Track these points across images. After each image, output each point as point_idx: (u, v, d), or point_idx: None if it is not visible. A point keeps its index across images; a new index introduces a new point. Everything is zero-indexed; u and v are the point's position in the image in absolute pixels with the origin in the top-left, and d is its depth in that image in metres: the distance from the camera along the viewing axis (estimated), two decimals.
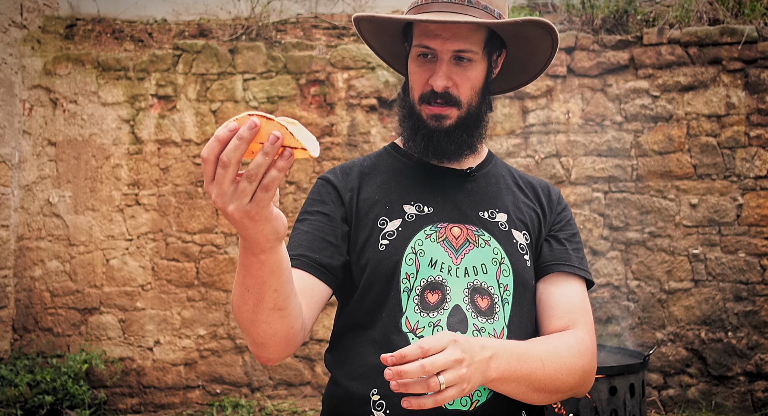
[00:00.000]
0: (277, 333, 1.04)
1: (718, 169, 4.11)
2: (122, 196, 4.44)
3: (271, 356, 1.10)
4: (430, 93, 1.21)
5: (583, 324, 1.21)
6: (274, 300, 0.98)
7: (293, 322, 1.05)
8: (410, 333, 1.15)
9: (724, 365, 4.06)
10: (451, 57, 1.19)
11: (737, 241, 4.07)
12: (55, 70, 4.49)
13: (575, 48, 4.26)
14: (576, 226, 1.34)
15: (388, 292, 1.18)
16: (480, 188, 1.28)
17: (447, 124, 1.22)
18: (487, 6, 1.20)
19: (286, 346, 1.08)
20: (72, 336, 4.41)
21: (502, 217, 1.26)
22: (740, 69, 4.10)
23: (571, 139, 4.25)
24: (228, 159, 0.77)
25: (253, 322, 1.02)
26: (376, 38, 1.34)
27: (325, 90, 4.42)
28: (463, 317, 1.16)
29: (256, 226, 0.84)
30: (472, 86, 1.22)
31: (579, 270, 1.26)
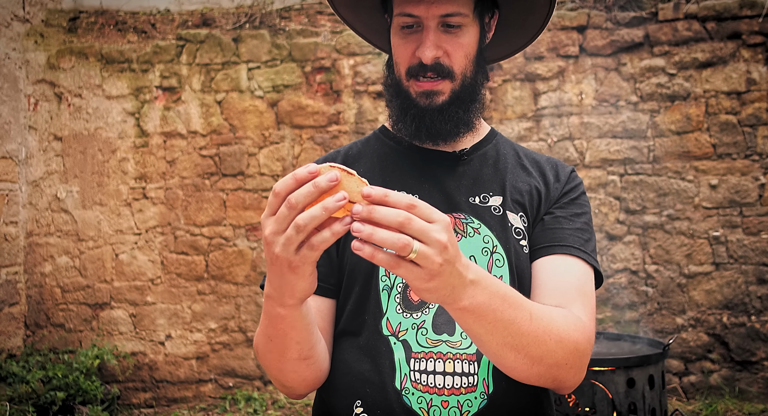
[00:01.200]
0: (306, 379, 1.02)
1: (738, 147, 3.96)
2: (129, 189, 4.40)
3: (301, 394, 1.07)
4: (418, 66, 1.06)
5: (581, 306, 1.03)
6: (298, 351, 0.96)
7: (321, 365, 1.03)
8: (392, 337, 1.05)
9: (747, 350, 3.94)
10: (438, 23, 1.05)
11: (760, 222, 3.93)
12: (59, 64, 4.45)
13: (587, 26, 4.12)
14: (586, 206, 1.16)
15: (368, 292, 1.08)
16: (473, 171, 1.15)
17: (440, 100, 1.08)
18: None
19: (315, 385, 1.06)
20: (83, 331, 4.40)
21: (496, 201, 1.13)
22: (761, 43, 3.94)
23: (584, 121, 4.12)
24: (296, 201, 0.75)
25: (280, 371, 1.00)
26: (352, 12, 1.20)
27: (331, 77, 4.33)
28: (449, 317, 1.04)
29: (291, 278, 0.82)
30: (466, 54, 1.07)
31: (576, 250, 1.08)
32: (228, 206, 4.36)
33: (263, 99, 4.36)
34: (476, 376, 1.02)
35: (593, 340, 1.02)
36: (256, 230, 4.34)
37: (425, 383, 1.02)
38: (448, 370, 1.02)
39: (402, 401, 1.01)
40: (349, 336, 1.10)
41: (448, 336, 1.03)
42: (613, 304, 4.01)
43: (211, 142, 4.37)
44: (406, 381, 1.02)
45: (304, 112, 4.33)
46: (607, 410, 2.26)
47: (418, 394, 1.01)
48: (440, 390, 1.01)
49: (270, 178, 4.34)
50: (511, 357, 0.91)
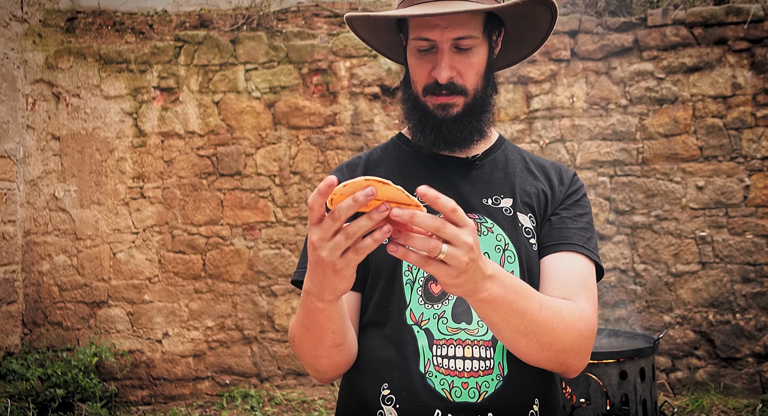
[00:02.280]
0: (339, 364, 1.15)
1: (724, 150, 4.08)
2: (127, 189, 4.44)
3: (332, 378, 1.19)
4: (434, 85, 1.18)
5: (585, 298, 1.14)
6: (332, 339, 1.08)
7: (351, 351, 1.15)
8: (415, 326, 1.15)
9: (732, 347, 4.05)
10: (451, 45, 1.16)
11: (744, 223, 4.05)
12: (57, 64, 4.48)
13: (579, 31, 4.23)
14: (587, 207, 1.28)
15: (392, 286, 1.18)
16: (485, 175, 1.26)
17: (455, 112, 1.19)
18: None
19: (345, 369, 1.18)
20: (81, 329, 4.43)
21: (507, 202, 1.24)
22: (746, 49, 4.06)
23: (575, 124, 4.22)
24: (339, 214, 0.84)
25: (315, 357, 1.12)
26: (370, 32, 1.31)
27: (328, 79, 4.40)
28: (467, 307, 1.15)
29: (334, 279, 0.91)
30: (477, 72, 1.19)
31: (580, 247, 1.20)
32: (225, 206, 4.41)
33: (260, 100, 4.42)
34: (492, 360, 1.13)
35: (596, 328, 1.14)
36: (253, 229, 4.40)
37: (447, 367, 1.12)
38: (467, 355, 1.12)
39: (426, 383, 1.11)
40: (374, 326, 1.20)
41: (466, 325, 1.14)
42: (603, 302, 4.11)
43: (208, 143, 4.43)
44: (430, 366, 1.13)
45: (301, 113, 4.40)
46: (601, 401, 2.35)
47: (440, 377, 1.11)
48: (460, 373, 1.12)
49: (267, 178, 4.40)
50: (524, 342, 1.03)
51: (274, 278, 4.37)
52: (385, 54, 1.37)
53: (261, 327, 4.38)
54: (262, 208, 4.39)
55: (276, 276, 4.37)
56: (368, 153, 1.34)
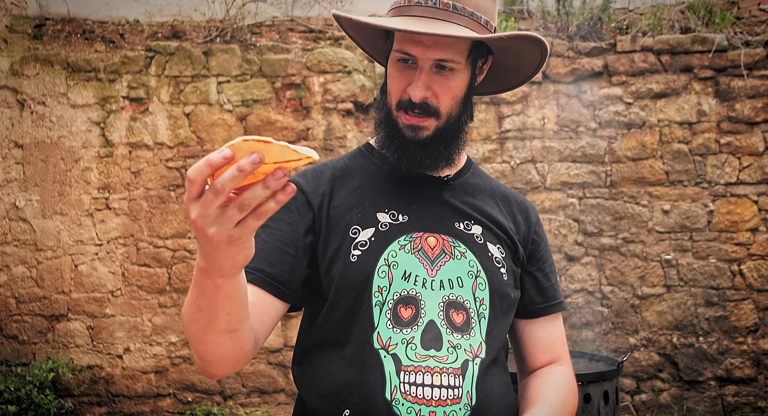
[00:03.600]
0: (226, 354, 1.00)
1: (689, 175, 4.16)
2: (92, 199, 4.34)
3: (217, 372, 1.06)
4: (407, 102, 1.15)
5: (565, 356, 1.28)
6: (227, 322, 0.94)
7: (244, 343, 1.01)
8: (382, 350, 1.11)
9: (695, 370, 4.10)
10: (432, 65, 1.13)
11: (708, 247, 4.13)
12: (23, 71, 4.38)
13: (550, 54, 4.29)
14: (549, 247, 1.35)
15: (359, 306, 1.14)
16: (456, 198, 1.24)
17: (423, 135, 1.16)
18: (474, 13, 1.14)
19: (234, 365, 1.04)
20: (38, 343, 4.29)
21: (477, 230, 1.22)
22: (711, 77, 4.16)
23: (546, 145, 4.27)
24: (222, 187, 0.73)
25: (202, 341, 0.98)
26: (358, 34, 1.29)
27: (301, 94, 4.38)
28: (437, 333, 1.12)
29: (230, 251, 0.80)
30: (453, 96, 1.16)
31: (560, 305, 1.31)
32: None
33: (232, 113, 4.38)
34: (461, 389, 1.10)
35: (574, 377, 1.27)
36: None
37: (414, 394, 1.08)
38: (436, 383, 1.09)
39: (392, 411, 1.08)
40: (333, 346, 1.15)
41: (435, 352, 1.11)
42: (570, 323, 4.14)
43: (178, 154, 4.36)
44: (396, 393, 1.09)
45: (273, 127, 4.36)
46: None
47: (407, 405, 1.08)
48: (428, 402, 1.08)
49: None
50: None
51: None
52: (373, 56, 1.34)
53: None
54: None
55: None
56: (335, 161, 1.30)
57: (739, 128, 4.13)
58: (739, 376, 4.07)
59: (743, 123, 4.12)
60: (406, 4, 1.14)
